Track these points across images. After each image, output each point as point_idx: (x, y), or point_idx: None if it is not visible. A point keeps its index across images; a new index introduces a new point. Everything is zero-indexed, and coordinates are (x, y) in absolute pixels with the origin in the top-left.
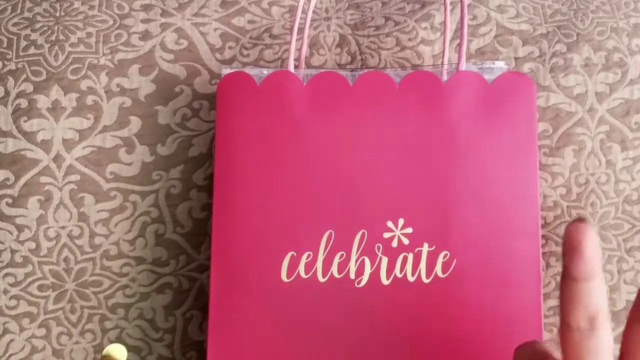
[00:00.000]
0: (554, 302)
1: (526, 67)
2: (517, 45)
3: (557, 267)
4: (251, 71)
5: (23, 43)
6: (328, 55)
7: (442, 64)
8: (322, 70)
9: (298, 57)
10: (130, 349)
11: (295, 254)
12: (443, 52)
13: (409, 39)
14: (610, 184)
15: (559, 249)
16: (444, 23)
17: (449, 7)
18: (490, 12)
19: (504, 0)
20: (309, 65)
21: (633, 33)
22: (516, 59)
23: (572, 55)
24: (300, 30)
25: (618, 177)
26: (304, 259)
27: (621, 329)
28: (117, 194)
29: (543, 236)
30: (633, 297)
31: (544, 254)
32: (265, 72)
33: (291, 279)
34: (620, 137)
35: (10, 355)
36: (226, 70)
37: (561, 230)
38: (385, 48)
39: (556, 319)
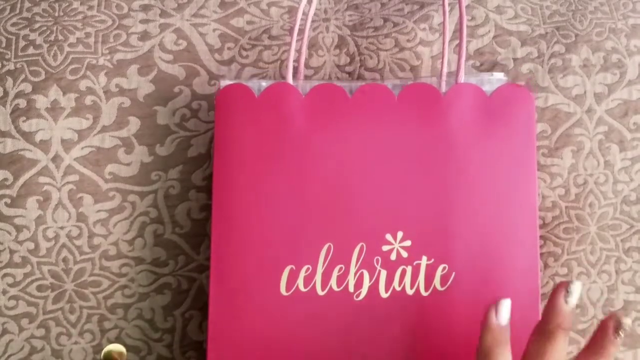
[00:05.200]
0: None
1: (525, 68)
2: (516, 46)
3: (555, 268)
4: (249, 83)
5: (22, 43)
6: (327, 56)
7: (442, 67)
8: (321, 82)
9: (297, 58)
10: (129, 349)
11: (294, 268)
12: (443, 53)
13: (408, 40)
14: (609, 185)
15: (557, 250)
16: (442, 25)
17: (447, 8)
18: (489, 13)
19: (502, 1)
20: (307, 67)
21: (631, 34)
22: (515, 59)
23: (571, 56)
24: (300, 32)
25: (616, 177)
26: (302, 273)
27: None
28: (116, 194)
29: (541, 237)
30: (631, 297)
31: (542, 254)
32: (264, 84)
33: (290, 293)
34: (619, 137)
35: (10, 356)
36: (225, 82)
37: (559, 230)
38: (384, 49)
39: None
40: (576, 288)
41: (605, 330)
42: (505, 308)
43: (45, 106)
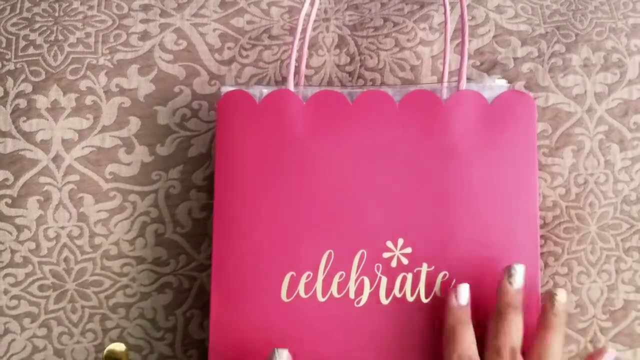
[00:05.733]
0: None
1: (525, 68)
2: (516, 46)
3: (556, 267)
4: (251, 89)
5: (22, 43)
6: (327, 56)
7: (444, 68)
8: (322, 89)
9: (298, 58)
10: (131, 348)
11: (295, 274)
12: (444, 54)
13: (408, 40)
14: (609, 184)
15: (558, 249)
16: (444, 25)
17: (448, 8)
18: (489, 13)
19: (502, 1)
20: (307, 66)
21: (632, 33)
22: (515, 59)
23: (571, 55)
24: (300, 32)
25: (617, 177)
26: (303, 279)
27: (618, 328)
28: (116, 194)
29: (542, 236)
30: (631, 296)
31: (542, 253)
32: (265, 90)
33: (291, 299)
34: (619, 137)
35: (12, 355)
36: (226, 89)
37: (560, 230)
38: (384, 49)
39: None
40: (518, 270)
41: (544, 305)
42: (462, 291)
43: (46, 106)
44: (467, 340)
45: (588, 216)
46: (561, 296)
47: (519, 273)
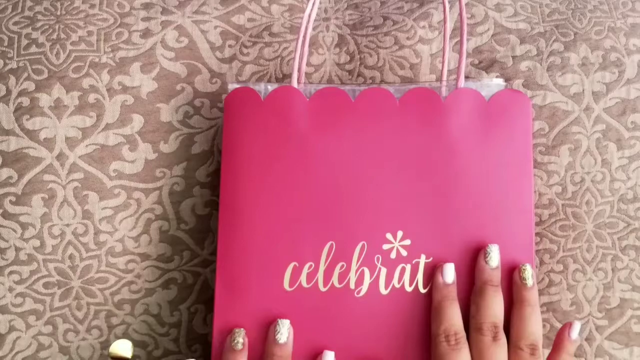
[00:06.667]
0: (546, 298)
1: (523, 66)
2: (515, 44)
3: (551, 265)
4: (256, 86)
5: (24, 42)
6: (327, 54)
7: (443, 67)
8: (325, 86)
9: (299, 56)
10: (136, 344)
11: (297, 265)
12: (443, 52)
13: (407, 38)
14: (606, 183)
15: (553, 247)
16: (444, 24)
17: (447, 5)
18: (488, 11)
19: None
20: (307, 64)
21: (630, 33)
22: (514, 57)
23: (569, 54)
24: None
25: (613, 175)
26: (305, 269)
27: (614, 327)
28: (120, 191)
29: (537, 234)
30: (627, 295)
31: (537, 251)
32: (270, 87)
33: (293, 288)
34: (616, 136)
35: (17, 353)
36: (233, 85)
37: (556, 228)
38: (384, 47)
39: (549, 315)
40: (493, 249)
41: (516, 282)
42: (448, 269)
43: (49, 104)
44: (453, 316)
45: (584, 214)
46: (529, 270)
47: (494, 252)
